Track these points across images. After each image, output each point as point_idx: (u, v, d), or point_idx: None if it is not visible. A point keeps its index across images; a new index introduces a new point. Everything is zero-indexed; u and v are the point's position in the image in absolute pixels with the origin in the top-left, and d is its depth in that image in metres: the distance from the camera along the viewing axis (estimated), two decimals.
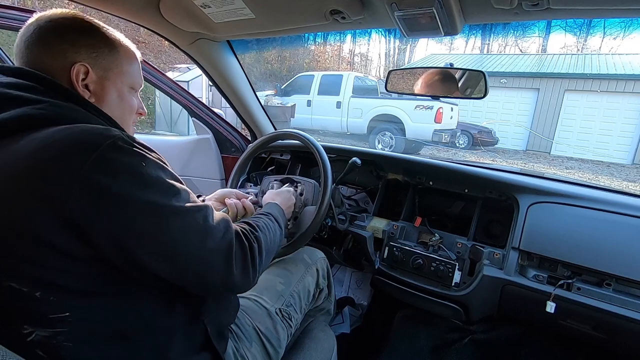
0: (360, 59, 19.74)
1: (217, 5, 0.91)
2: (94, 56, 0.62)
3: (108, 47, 0.65)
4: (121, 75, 0.66)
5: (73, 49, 0.61)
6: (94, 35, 0.64)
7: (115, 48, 0.66)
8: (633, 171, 8.37)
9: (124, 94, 0.68)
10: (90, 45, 0.62)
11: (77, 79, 0.60)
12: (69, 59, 0.60)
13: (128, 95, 0.69)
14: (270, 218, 0.80)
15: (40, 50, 0.60)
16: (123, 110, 0.68)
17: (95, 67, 0.62)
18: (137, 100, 0.72)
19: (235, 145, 1.83)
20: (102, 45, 0.64)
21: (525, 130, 10.38)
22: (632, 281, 0.92)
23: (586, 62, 10.93)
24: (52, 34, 0.60)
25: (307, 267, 1.07)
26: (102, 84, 0.64)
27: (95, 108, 0.61)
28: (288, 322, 0.91)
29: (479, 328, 1.41)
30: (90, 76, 0.62)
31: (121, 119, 0.67)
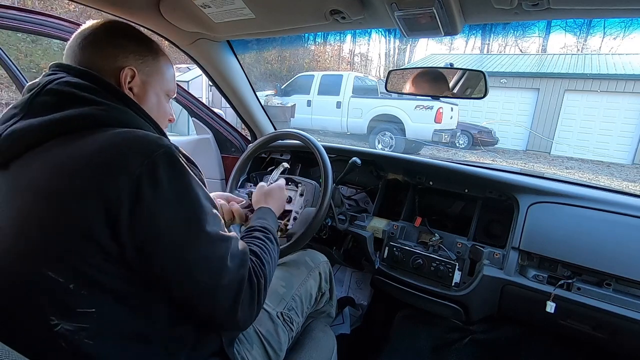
0: (360, 59, 19.76)
1: (217, 5, 0.91)
2: (139, 62, 0.67)
3: (152, 55, 0.70)
4: (160, 81, 0.72)
5: (123, 54, 0.66)
6: (142, 43, 0.69)
7: (158, 56, 0.71)
8: (633, 171, 8.37)
9: (162, 100, 0.73)
10: (138, 52, 0.68)
11: (124, 82, 0.65)
12: (118, 63, 0.65)
13: (164, 101, 0.74)
14: (269, 236, 0.78)
15: (94, 52, 0.64)
16: (159, 115, 0.72)
17: (140, 72, 0.67)
18: (169, 106, 0.77)
19: (235, 145, 1.83)
20: (147, 53, 0.69)
21: (525, 130, 10.38)
22: (632, 281, 0.92)
23: (586, 62, 10.93)
24: (106, 38, 0.66)
25: (309, 270, 1.06)
26: (145, 88, 0.69)
27: (145, 113, 0.65)
28: (289, 325, 0.90)
29: (479, 328, 1.41)
30: (135, 80, 0.66)
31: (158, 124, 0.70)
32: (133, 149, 0.53)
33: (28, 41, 6.78)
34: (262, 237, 0.75)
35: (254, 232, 0.77)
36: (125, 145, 0.53)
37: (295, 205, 1.26)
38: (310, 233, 1.09)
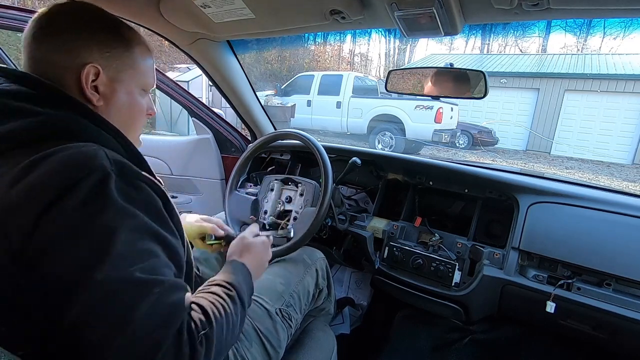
0: (360, 59, 19.76)
1: (217, 5, 0.91)
2: (107, 55, 0.58)
3: (124, 46, 0.60)
4: (134, 76, 0.62)
5: (86, 47, 0.56)
6: (111, 31, 0.59)
7: (131, 47, 0.61)
8: (633, 171, 8.37)
9: (134, 96, 0.63)
10: (105, 43, 0.58)
11: (86, 82, 0.56)
12: (81, 58, 0.56)
13: (138, 97, 0.64)
14: (231, 294, 0.60)
15: (50, 46, 0.55)
16: (132, 113, 0.64)
17: (107, 67, 0.58)
18: (147, 100, 0.68)
19: (235, 145, 1.83)
20: (117, 44, 0.59)
21: (525, 130, 10.38)
22: (632, 281, 0.92)
23: (586, 62, 10.93)
24: (65, 28, 0.56)
25: (306, 267, 1.07)
26: (113, 86, 0.59)
27: (101, 119, 0.56)
28: (288, 322, 0.91)
29: (479, 328, 1.41)
30: (100, 78, 0.57)
31: (130, 123, 0.64)
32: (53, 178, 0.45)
33: None
34: (221, 294, 0.58)
35: (213, 286, 0.60)
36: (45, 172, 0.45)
37: (295, 205, 1.26)
38: (310, 233, 1.10)
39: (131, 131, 0.64)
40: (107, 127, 0.56)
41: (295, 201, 1.27)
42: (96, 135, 0.54)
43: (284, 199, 1.30)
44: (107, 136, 0.55)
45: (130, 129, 0.63)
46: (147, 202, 0.51)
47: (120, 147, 0.57)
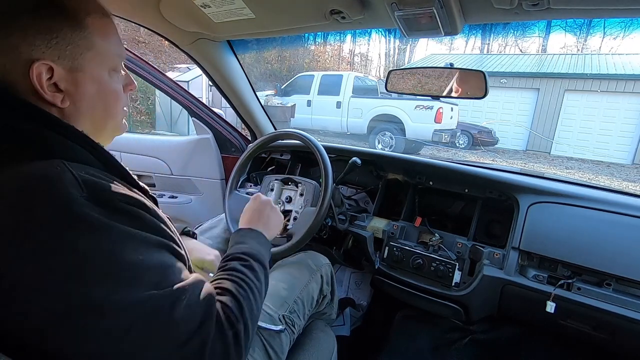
0: (360, 59, 19.75)
1: (217, 5, 0.91)
2: (54, 44, 0.47)
3: (70, 24, 0.48)
4: (96, 58, 0.51)
5: (25, 39, 0.45)
6: (51, 10, 0.47)
7: (80, 23, 0.49)
8: (633, 171, 8.37)
9: (104, 81, 0.53)
10: (47, 27, 0.46)
11: (40, 83, 0.46)
12: (24, 56, 0.45)
13: (109, 80, 0.54)
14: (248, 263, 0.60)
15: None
16: (107, 102, 0.54)
17: (60, 58, 0.47)
18: (123, 77, 0.58)
19: (235, 145, 1.83)
20: (62, 24, 0.47)
21: (525, 130, 10.38)
22: (632, 281, 0.92)
23: (586, 62, 10.93)
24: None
25: (311, 273, 1.05)
26: (75, 78, 0.49)
27: (65, 126, 0.48)
28: (291, 328, 0.90)
29: (479, 328, 1.41)
30: (57, 72, 0.47)
31: (107, 113, 0.55)
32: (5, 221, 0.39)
33: None
34: (239, 267, 0.59)
35: (229, 262, 0.61)
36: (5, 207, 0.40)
37: (295, 205, 1.26)
38: (310, 233, 1.10)
39: (111, 120, 0.56)
40: (75, 136, 0.48)
41: (295, 201, 1.27)
42: (61, 149, 0.46)
43: (284, 199, 1.30)
44: (76, 147, 0.47)
45: (109, 119, 0.56)
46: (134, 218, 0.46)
47: (93, 157, 0.50)
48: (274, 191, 1.32)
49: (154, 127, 7.30)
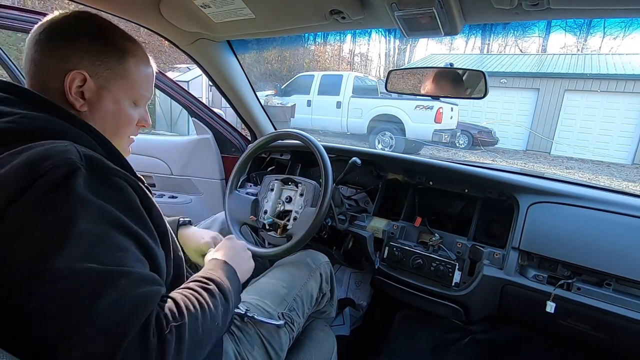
0: (360, 59, 19.76)
1: (217, 5, 0.91)
2: (97, 64, 0.59)
3: (117, 56, 0.61)
4: (124, 87, 0.63)
5: (77, 54, 0.58)
6: (105, 41, 0.61)
7: (125, 58, 0.62)
8: (633, 171, 8.37)
9: (123, 107, 0.64)
10: (97, 52, 0.59)
11: (69, 87, 0.58)
12: (69, 65, 0.57)
13: (128, 108, 0.65)
14: (207, 286, 0.59)
15: (45, 51, 0.58)
16: (117, 123, 0.64)
17: (97, 75, 0.59)
18: (141, 112, 0.68)
19: (235, 145, 1.83)
20: (110, 54, 0.61)
21: (525, 130, 10.39)
22: (632, 281, 0.91)
23: (586, 62, 10.93)
24: (60, 35, 0.59)
25: (310, 271, 1.06)
26: (100, 93, 0.60)
27: (80, 120, 0.57)
28: (290, 326, 0.90)
29: (479, 328, 1.41)
30: (88, 84, 0.59)
31: (114, 131, 0.64)
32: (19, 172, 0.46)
33: None
34: (197, 288, 0.57)
35: (190, 282, 0.60)
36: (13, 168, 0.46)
37: (295, 205, 1.26)
38: (310, 233, 1.10)
39: (115, 139, 0.63)
40: (86, 128, 0.57)
41: (295, 201, 1.27)
42: (72, 135, 0.54)
43: (284, 199, 1.30)
44: (85, 136, 0.56)
45: (114, 138, 0.63)
46: (118, 196, 0.51)
47: (98, 146, 0.57)
48: (274, 191, 1.32)
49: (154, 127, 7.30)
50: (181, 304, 0.51)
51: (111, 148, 0.59)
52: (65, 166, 0.46)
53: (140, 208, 0.53)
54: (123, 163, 0.59)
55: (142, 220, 0.53)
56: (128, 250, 0.48)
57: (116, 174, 0.52)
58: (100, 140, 0.58)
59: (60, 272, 0.42)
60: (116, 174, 0.52)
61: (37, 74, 0.59)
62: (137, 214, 0.52)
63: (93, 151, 0.53)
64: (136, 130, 0.70)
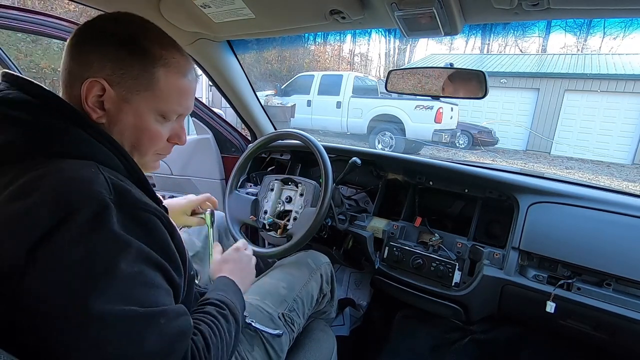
0: (360, 59, 19.75)
1: (217, 5, 0.91)
2: (120, 73, 0.54)
3: (143, 65, 0.55)
4: (148, 99, 0.56)
5: (101, 61, 0.53)
6: (133, 47, 0.54)
7: (153, 67, 0.55)
8: (633, 171, 8.37)
9: (146, 121, 0.57)
10: (122, 59, 0.53)
11: (86, 96, 0.53)
12: (91, 72, 0.53)
13: (152, 123, 0.58)
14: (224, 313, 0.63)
15: (72, 54, 0.55)
16: (137, 138, 0.58)
17: (118, 85, 0.54)
18: (174, 127, 0.62)
19: (235, 145, 1.83)
20: (135, 62, 0.54)
21: (525, 130, 10.38)
22: (632, 281, 0.91)
23: (586, 62, 10.93)
24: (88, 39, 0.54)
25: (311, 272, 1.06)
26: (120, 105, 0.55)
27: (102, 132, 0.53)
28: (290, 326, 0.90)
29: (479, 328, 1.41)
30: (108, 94, 0.54)
31: (133, 147, 0.58)
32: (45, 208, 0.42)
33: (28, 41, 6.78)
34: (216, 314, 0.61)
35: (207, 305, 0.63)
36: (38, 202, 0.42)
37: (295, 205, 1.26)
38: (310, 233, 1.10)
39: (135, 155, 0.59)
40: (109, 142, 0.53)
41: (295, 201, 1.27)
42: (95, 151, 0.51)
43: (284, 199, 1.30)
44: (108, 152, 0.52)
45: (134, 151, 0.59)
46: (149, 233, 0.49)
47: (122, 165, 0.54)
48: (274, 191, 1.32)
49: None
50: (207, 335, 0.55)
51: (132, 165, 0.56)
52: (95, 202, 0.44)
53: (168, 241, 0.52)
54: (144, 184, 0.56)
55: (168, 253, 0.52)
56: (160, 286, 0.49)
57: (145, 208, 0.50)
58: (121, 155, 0.54)
59: (104, 317, 0.42)
60: (145, 208, 0.50)
61: (65, 79, 0.55)
62: (164, 248, 0.51)
63: (115, 171, 0.51)
64: (168, 148, 0.64)
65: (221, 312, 0.62)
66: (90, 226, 0.43)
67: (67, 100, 0.54)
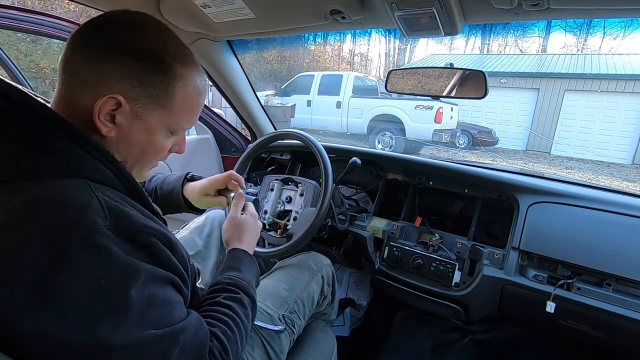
0: (360, 59, 19.75)
1: (217, 5, 0.91)
2: (138, 90, 0.50)
3: (164, 83, 0.52)
4: (163, 117, 0.54)
5: (118, 74, 0.49)
6: (155, 63, 0.51)
7: (173, 86, 0.53)
8: (633, 171, 8.37)
9: (155, 137, 0.55)
10: (141, 75, 0.50)
11: (100, 111, 0.49)
12: (106, 84, 0.49)
13: (161, 138, 0.56)
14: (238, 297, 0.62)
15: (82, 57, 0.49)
16: (145, 152, 0.56)
17: (135, 101, 0.50)
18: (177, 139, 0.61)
19: (235, 145, 1.83)
20: (156, 80, 0.51)
21: (525, 130, 10.38)
22: (632, 281, 0.92)
23: (586, 62, 10.93)
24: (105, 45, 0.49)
25: (312, 274, 1.06)
26: (132, 120, 0.52)
27: (98, 148, 0.49)
28: (291, 328, 0.90)
29: (479, 328, 1.41)
30: (123, 109, 0.50)
31: (138, 159, 0.57)
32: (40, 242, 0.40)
33: (28, 41, 6.78)
34: (230, 303, 0.60)
35: (219, 294, 0.62)
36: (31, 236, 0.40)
37: (295, 205, 1.26)
38: (310, 233, 1.09)
39: (136, 167, 0.58)
40: (105, 157, 0.49)
41: (295, 201, 1.27)
42: (89, 168, 0.48)
43: (284, 199, 1.30)
44: (103, 168, 0.49)
45: (135, 165, 0.57)
46: (148, 253, 0.47)
47: (117, 180, 0.51)
48: (274, 191, 1.32)
49: None
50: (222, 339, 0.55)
51: (129, 180, 0.52)
52: (91, 233, 0.42)
53: (170, 259, 0.50)
54: (142, 198, 0.54)
55: (173, 269, 0.51)
56: (173, 301, 0.49)
57: (143, 230, 0.47)
58: (117, 170, 0.51)
59: (125, 348, 0.42)
60: (143, 230, 0.47)
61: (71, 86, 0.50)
62: (168, 266, 0.50)
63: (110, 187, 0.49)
64: (167, 156, 0.62)
65: (235, 297, 0.62)
66: (91, 259, 0.41)
67: (64, 107, 0.50)
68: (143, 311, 0.44)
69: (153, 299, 0.45)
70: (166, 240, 0.51)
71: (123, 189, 0.52)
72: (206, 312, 0.58)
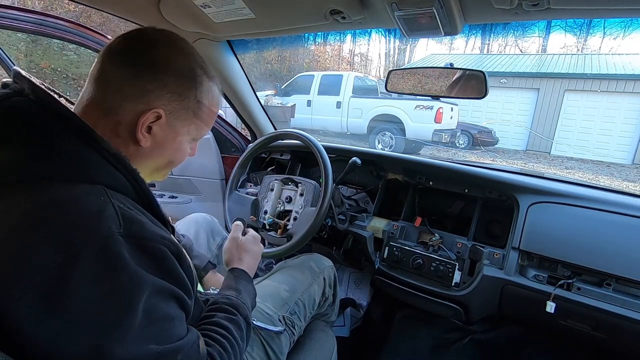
0: (360, 59, 19.75)
1: (217, 5, 0.91)
2: (175, 104, 0.55)
3: (196, 97, 0.57)
4: (190, 128, 0.59)
5: (160, 91, 0.53)
6: (190, 80, 0.56)
7: (202, 99, 0.58)
8: (633, 171, 8.37)
9: (183, 144, 0.60)
10: (179, 92, 0.55)
11: (142, 125, 0.53)
12: (148, 99, 0.53)
13: (186, 145, 0.61)
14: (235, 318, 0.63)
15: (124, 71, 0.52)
16: (173, 157, 0.61)
17: (171, 114, 0.55)
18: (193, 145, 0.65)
19: (235, 145, 1.83)
20: (190, 94, 0.56)
21: (525, 130, 10.38)
22: (632, 281, 0.92)
23: (586, 62, 10.93)
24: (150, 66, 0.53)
25: (314, 275, 1.05)
26: (166, 132, 0.56)
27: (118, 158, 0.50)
28: (291, 329, 0.90)
29: (479, 328, 1.41)
30: (160, 121, 0.54)
31: (165, 165, 0.61)
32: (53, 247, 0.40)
33: (28, 41, 6.78)
34: (226, 324, 0.60)
35: (217, 312, 0.62)
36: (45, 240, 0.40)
37: (295, 205, 1.26)
38: (310, 233, 1.10)
39: (163, 171, 0.62)
40: (121, 165, 0.50)
41: (295, 201, 1.27)
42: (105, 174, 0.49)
43: (284, 199, 1.30)
44: (119, 175, 0.50)
45: (160, 169, 0.61)
46: (158, 263, 0.48)
47: (131, 188, 0.52)
48: (274, 191, 1.32)
49: None
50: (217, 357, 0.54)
51: (143, 188, 0.53)
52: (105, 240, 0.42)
53: (178, 270, 0.51)
54: (153, 206, 0.55)
55: (179, 280, 0.51)
56: (175, 317, 0.49)
57: (155, 239, 0.48)
58: (132, 178, 0.51)
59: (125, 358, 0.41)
60: (155, 239, 0.48)
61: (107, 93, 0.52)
62: (175, 277, 0.50)
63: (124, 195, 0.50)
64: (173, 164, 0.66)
65: (231, 319, 0.62)
66: (102, 265, 0.41)
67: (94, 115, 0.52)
68: (146, 324, 0.44)
69: (157, 313, 0.46)
70: (175, 249, 0.51)
71: (135, 196, 0.52)
72: (204, 331, 0.58)
